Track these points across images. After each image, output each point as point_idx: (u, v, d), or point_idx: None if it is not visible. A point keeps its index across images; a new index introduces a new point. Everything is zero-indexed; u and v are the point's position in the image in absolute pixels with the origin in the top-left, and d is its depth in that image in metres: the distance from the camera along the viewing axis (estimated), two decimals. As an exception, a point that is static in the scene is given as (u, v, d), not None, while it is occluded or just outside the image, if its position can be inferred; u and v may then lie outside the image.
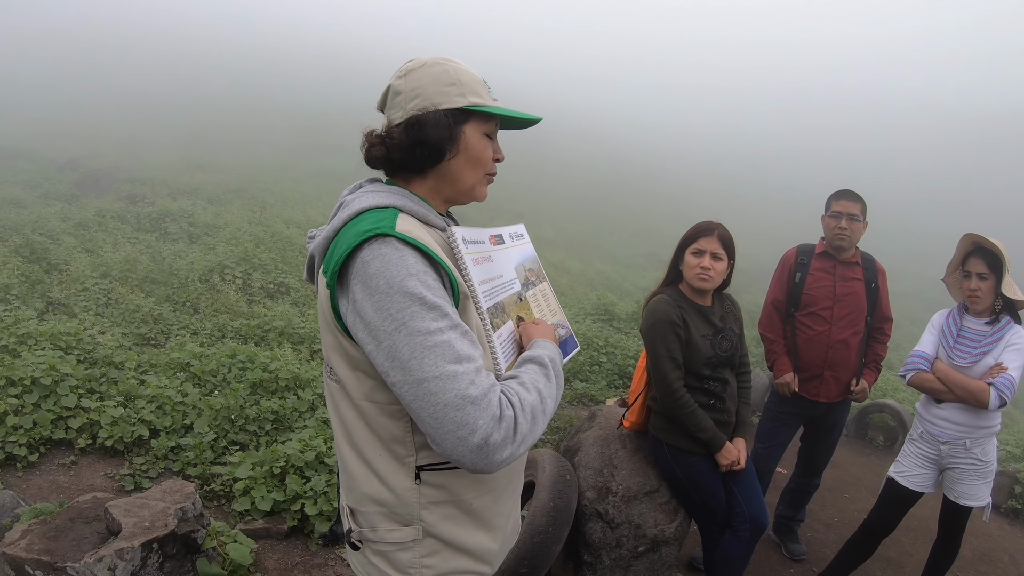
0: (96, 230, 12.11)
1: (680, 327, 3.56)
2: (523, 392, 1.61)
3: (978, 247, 3.85)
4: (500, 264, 1.95)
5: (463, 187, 1.85)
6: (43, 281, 8.49)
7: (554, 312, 2.20)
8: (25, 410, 4.98)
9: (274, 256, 11.37)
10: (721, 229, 3.63)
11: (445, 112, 1.75)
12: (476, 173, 1.84)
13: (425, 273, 1.56)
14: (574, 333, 2.29)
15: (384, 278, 1.54)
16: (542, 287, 2.19)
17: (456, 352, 1.51)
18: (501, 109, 1.82)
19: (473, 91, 1.78)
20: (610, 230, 27.27)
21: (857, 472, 7.07)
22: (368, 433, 1.74)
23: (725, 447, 3.58)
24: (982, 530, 5.97)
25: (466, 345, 1.55)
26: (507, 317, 1.87)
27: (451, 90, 1.76)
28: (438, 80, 1.76)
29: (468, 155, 1.80)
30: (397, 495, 1.74)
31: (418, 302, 1.52)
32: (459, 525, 1.79)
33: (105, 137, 25.72)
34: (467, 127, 1.78)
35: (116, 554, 3.09)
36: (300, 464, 4.59)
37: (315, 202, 19.47)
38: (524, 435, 1.55)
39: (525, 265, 2.12)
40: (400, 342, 1.52)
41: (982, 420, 3.82)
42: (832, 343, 4.59)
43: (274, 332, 7.80)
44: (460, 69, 1.79)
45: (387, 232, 1.58)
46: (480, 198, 1.91)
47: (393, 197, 1.74)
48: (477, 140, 1.80)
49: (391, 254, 1.55)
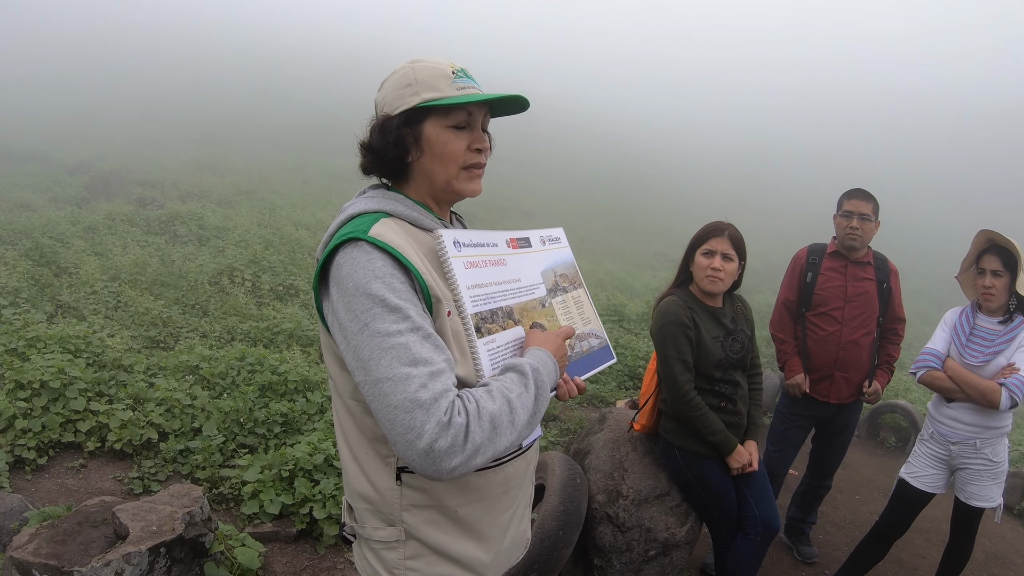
0: (105, 233, 12.13)
1: (690, 329, 3.54)
2: (485, 400, 1.56)
3: (993, 244, 3.81)
4: (516, 268, 1.93)
5: (438, 184, 1.84)
6: (52, 284, 8.50)
7: (587, 320, 2.16)
8: (34, 413, 4.98)
9: (283, 258, 11.37)
10: (732, 229, 3.60)
11: (397, 116, 1.76)
12: (446, 168, 1.82)
13: (391, 276, 1.58)
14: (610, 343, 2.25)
15: (352, 280, 1.58)
16: (576, 294, 2.15)
17: (412, 355, 1.51)
18: (458, 98, 1.77)
19: (429, 87, 1.76)
20: (620, 229, 27.20)
21: (869, 473, 7.03)
22: (356, 431, 1.78)
23: (736, 450, 3.56)
24: (995, 531, 5.93)
25: (426, 348, 1.54)
26: (515, 323, 1.85)
27: (406, 92, 1.77)
28: (397, 84, 1.79)
29: (432, 152, 1.80)
30: (380, 494, 1.77)
31: (380, 304, 1.54)
32: (444, 532, 1.79)
33: (115, 139, 25.79)
34: (427, 124, 1.78)
35: (123, 558, 3.08)
36: (309, 467, 4.58)
37: (325, 204, 19.48)
38: (478, 444, 1.50)
39: (556, 270, 2.09)
40: (362, 342, 1.54)
41: (993, 420, 3.79)
42: (843, 344, 4.55)
43: (283, 334, 7.80)
44: (420, 68, 1.78)
45: (359, 236, 1.62)
46: (468, 193, 1.89)
47: (384, 202, 1.78)
48: (437, 135, 1.78)
49: (360, 257, 1.59)
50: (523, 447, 1.96)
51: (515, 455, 1.92)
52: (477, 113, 1.84)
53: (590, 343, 2.10)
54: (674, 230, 24.85)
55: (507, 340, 1.81)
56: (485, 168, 1.90)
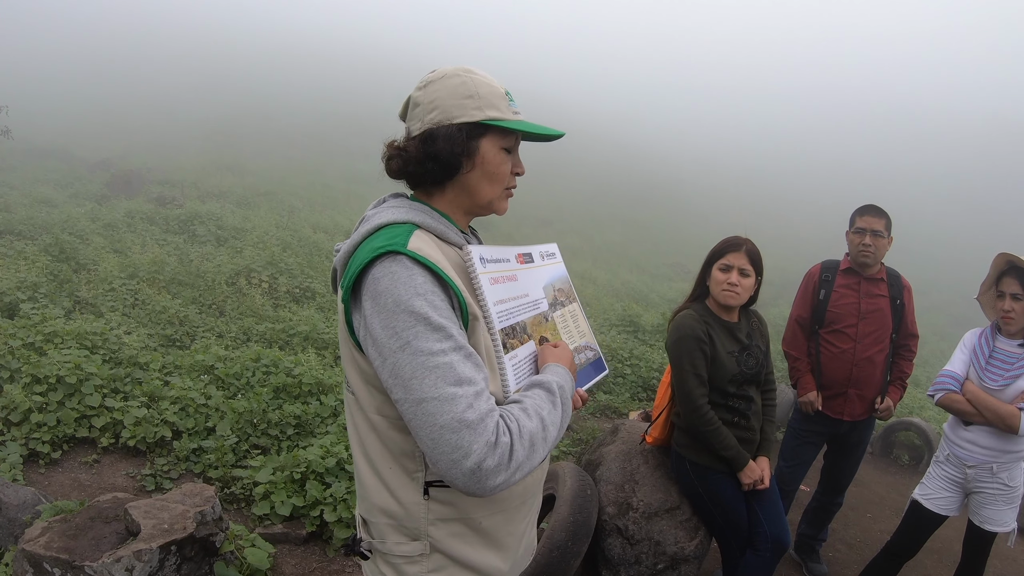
0: (125, 231, 12.22)
1: (706, 343, 3.53)
2: (523, 418, 1.58)
3: (1012, 266, 3.78)
4: (525, 283, 1.93)
5: (481, 201, 1.84)
6: (71, 280, 8.56)
7: (583, 333, 2.17)
8: (49, 408, 5.02)
9: (300, 261, 11.43)
10: (749, 244, 3.59)
11: (460, 126, 1.73)
12: (493, 188, 1.82)
13: (432, 293, 1.56)
14: (603, 356, 2.26)
15: (392, 296, 1.54)
16: (571, 308, 2.16)
17: (457, 374, 1.50)
18: (520, 124, 1.79)
19: (491, 104, 1.76)
20: (637, 240, 27.18)
21: (881, 491, 6.99)
22: (380, 445, 1.75)
23: (748, 465, 3.55)
24: (1006, 554, 5.87)
25: (468, 368, 1.53)
26: (528, 337, 1.86)
27: (468, 103, 1.74)
28: (456, 92, 1.75)
29: (485, 169, 1.79)
30: (406, 508, 1.75)
31: (423, 322, 1.52)
32: (467, 543, 1.79)
33: (137, 138, 25.99)
34: (484, 141, 1.77)
35: (134, 555, 3.09)
36: (321, 470, 4.59)
37: (343, 207, 19.58)
38: (520, 462, 1.53)
39: (555, 285, 2.10)
40: (403, 361, 1.52)
41: (1010, 444, 3.75)
42: (857, 360, 4.53)
43: (299, 337, 7.83)
44: (479, 81, 1.77)
45: (398, 249, 1.58)
46: (500, 212, 1.90)
47: (412, 213, 1.75)
48: (494, 155, 1.78)
49: (400, 272, 1.56)
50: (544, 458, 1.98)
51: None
52: (519, 138, 1.87)
53: (586, 355, 2.12)
54: (691, 241, 24.82)
55: (525, 355, 1.82)
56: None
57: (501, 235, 19.43)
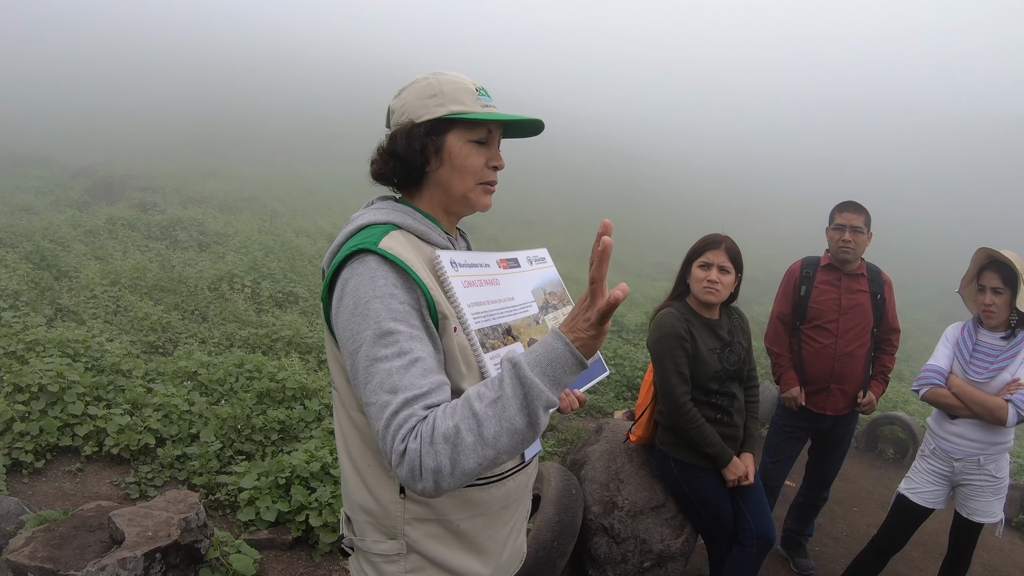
0: (106, 237, 12.15)
1: (687, 341, 3.54)
2: (440, 419, 1.46)
3: (993, 260, 3.81)
4: (510, 287, 1.95)
5: (454, 196, 1.85)
6: (52, 288, 8.51)
7: None
8: (32, 416, 4.99)
9: (283, 265, 11.39)
10: (729, 242, 3.61)
11: (421, 124, 1.78)
12: (464, 181, 1.83)
13: (390, 295, 1.57)
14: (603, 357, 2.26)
15: (353, 297, 1.58)
16: (565, 310, 2.17)
17: (392, 382, 1.50)
18: (484, 114, 1.79)
19: (455, 99, 1.78)
20: (620, 240, 26.95)
21: (867, 485, 7.03)
22: (360, 443, 1.78)
23: (732, 462, 3.56)
24: (993, 544, 5.92)
25: (409, 375, 1.51)
26: (514, 339, 1.87)
27: (431, 102, 1.78)
28: (421, 94, 1.80)
29: (453, 164, 1.81)
30: (383, 507, 1.77)
31: (373, 326, 1.54)
32: (445, 545, 1.79)
33: (119, 144, 25.85)
34: (450, 136, 1.79)
35: (119, 563, 3.08)
36: (306, 475, 4.58)
37: (326, 212, 19.54)
38: (436, 467, 1.41)
39: (545, 288, 2.12)
40: (358, 363, 1.56)
41: (996, 436, 3.78)
42: (839, 356, 4.56)
43: (282, 341, 7.80)
44: (444, 80, 1.81)
45: (368, 247, 1.62)
46: (479, 207, 1.91)
47: (393, 214, 1.79)
48: (460, 147, 1.80)
49: (364, 273, 1.59)
50: (524, 461, 1.95)
51: (516, 469, 1.91)
52: (496, 132, 1.88)
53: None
54: (674, 240, 24.86)
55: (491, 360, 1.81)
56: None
57: (485, 237, 19.41)
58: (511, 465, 1.89)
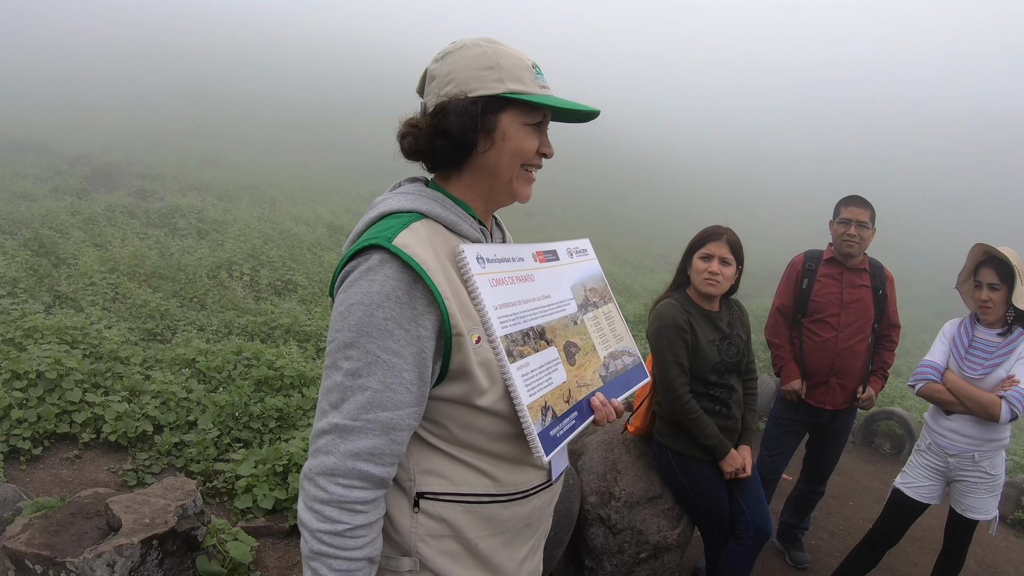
0: (105, 225, 12.13)
1: (687, 332, 3.54)
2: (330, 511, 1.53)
3: (989, 257, 3.80)
4: (546, 283, 1.78)
5: (500, 182, 1.69)
6: (51, 275, 8.50)
7: (620, 337, 2.03)
8: (30, 404, 4.99)
9: (282, 253, 11.40)
10: (730, 234, 3.60)
11: (475, 99, 1.58)
12: (512, 164, 1.66)
13: (379, 306, 1.46)
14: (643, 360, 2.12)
15: (345, 293, 1.50)
16: (607, 308, 2.01)
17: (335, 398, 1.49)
18: (547, 99, 1.63)
19: (514, 76, 1.60)
20: (621, 231, 27.14)
21: (863, 480, 7.04)
22: None
23: (730, 454, 3.56)
24: (988, 541, 5.93)
25: (350, 401, 1.47)
26: (547, 344, 1.70)
27: (487, 75, 1.59)
28: (474, 63, 1.60)
29: (505, 147, 1.64)
30: (393, 521, 1.64)
31: (346, 332, 1.47)
32: (460, 564, 1.66)
33: (118, 132, 25.74)
34: (504, 116, 1.62)
35: (116, 550, 3.08)
36: (303, 463, 4.57)
37: (325, 200, 19.48)
38: (305, 506, 1.56)
39: (586, 284, 1.95)
40: (326, 357, 1.53)
41: (992, 433, 3.77)
42: (839, 350, 4.56)
43: (280, 329, 7.80)
44: (501, 52, 1.62)
45: (380, 244, 1.49)
46: (522, 197, 1.74)
47: (420, 201, 1.63)
48: (516, 131, 1.63)
49: (364, 272, 1.48)
50: (552, 479, 1.82)
51: (542, 487, 1.78)
52: (548, 116, 1.73)
53: (624, 361, 1.98)
54: (675, 233, 24.81)
55: (541, 363, 1.67)
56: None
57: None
58: (538, 481, 1.76)
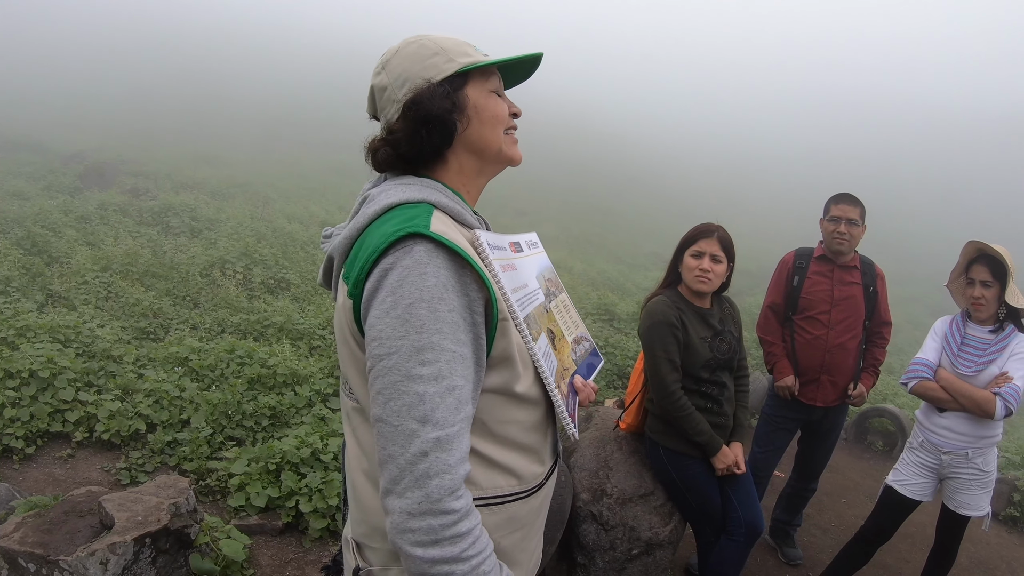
0: (98, 223, 12.10)
1: (678, 329, 3.55)
2: (482, 534, 1.43)
3: (982, 254, 3.82)
4: (523, 273, 1.77)
5: (490, 153, 1.68)
6: (44, 274, 8.48)
7: (576, 324, 2.04)
8: (23, 402, 4.99)
9: (275, 251, 11.38)
10: (721, 231, 3.62)
11: (440, 82, 1.59)
12: (496, 133, 1.66)
13: (440, 300, 1.38)
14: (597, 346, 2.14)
15: (395, 293, 1.38)
16: (562, 298, 2.01)
17: (423, 411, 1.35)
18: (498, 59, 1.67)
19: (461, 52, 1.63)
20: (613, 229, 27.18)
21: (856, 477, 7.06)
22: None
23: (722, 451, 3.57)
24: (980, 537, 5.95)
25: (442, 406, 1.36)
26: (539, 330, 1.70)
27: (437, 60, 1.60)
28: (419, 56, 1.61)
29: (481, 117, 1.64)
30: None
31: (415, 335, 1.36)
32: None
33: (112, 130, 25.66)
34: (469, 89, 1.63)
35: (109, 548, 3.08)
36: (296, 461, 4.59)
37: (319, 198, 19.49)
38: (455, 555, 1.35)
39: (544, 275, 1.94)
40: (383, 369, 1.38)
41: (985, 430, 3.79)
42: (830, 347, 4.57)
43: (273, 328, 7.79)
44: (438, 38, 1.65)
45: (419, 231, 1.40)
46: (514, 160, 1.73)
47: (426, 191, 1.58)
48: (485, 99, 1.64)
49: (411, 266, 1.38)
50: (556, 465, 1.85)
51: (550, 475, 1.79)
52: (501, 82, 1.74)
53: (584, 346, 2.01)
54: (667, 230, 24.74)
55: (544, 347, 1.69)
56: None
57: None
58: (547, 471, 1.76)
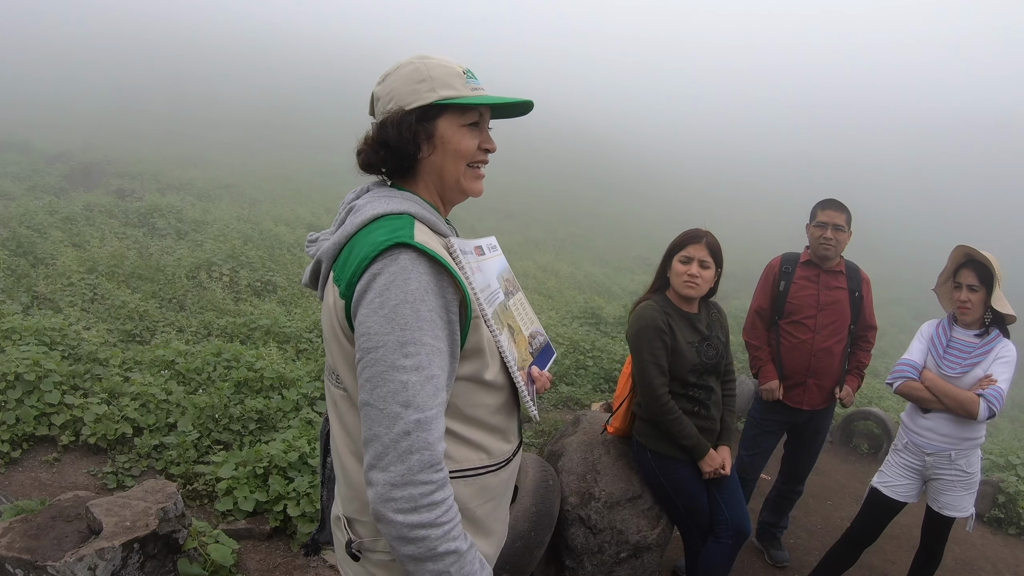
0: (84, 224, 12.03)
1: (666, 333, 3.57)
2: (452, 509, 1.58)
3: (970, 259, 3.86)
4: (487, 274, 1.95)
5: (448, 182, 1.84)
6: (29, 275, 8.43)
7: (532, 320, 2.21)
8: (8, 406, 4.96)
9: (262, 254, 11.33)
10: (709, 237, 3.64)
11: (411, 111, 1.74)
12: (457, 166, 1.82)
13: (421, 301, 1.56)
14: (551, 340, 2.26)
15: (382, 295, 1.55)
16: (519, 296, 2.19)
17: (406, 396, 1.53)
18: (476, 98, 1.79)
19: (445, 84, 1.76)
20: (601, 233, 27.21)
21: (841, 479, 7.09)
22: None
23: (709, 454, 3.59)
24: (964, 538, 5.99)
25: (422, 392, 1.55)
26: (502, 325, 1.89)
27: (420, 87, 1.74)
28: (408, 79, 1.76)
29: (446, 150, 1.79)
30: None
31: (399, 331, 1.54)
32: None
33: (98, 130, 25.54)
34: (441, 121, 1.77)
35: (97, 553, 3.07)
36: (284, 464, 4.58)
37: (305, 200, 19.42)
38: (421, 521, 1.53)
39: (503, 275, 2.12)
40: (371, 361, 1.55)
41: (968, 431, 3.83)
42: (815, 351, 4.61)
43: (260, 331, 7.76)
44: (432, 64, 1.78)
45: (406, 241, 1.59)
46: (472, 192, 1.90)
47: (406, 203, 1.74)
48: (453, 132, 1.78)
49: (397, 271, 1.56)
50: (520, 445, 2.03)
51: (516, 453, 1.98)
52: (486, 114, 1.87)
53: (539, 340, 2.17)
54: (655, 235, 24.86)
55: (506, 340, 1.88)
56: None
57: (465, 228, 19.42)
58: (514, 448, 1.96)
